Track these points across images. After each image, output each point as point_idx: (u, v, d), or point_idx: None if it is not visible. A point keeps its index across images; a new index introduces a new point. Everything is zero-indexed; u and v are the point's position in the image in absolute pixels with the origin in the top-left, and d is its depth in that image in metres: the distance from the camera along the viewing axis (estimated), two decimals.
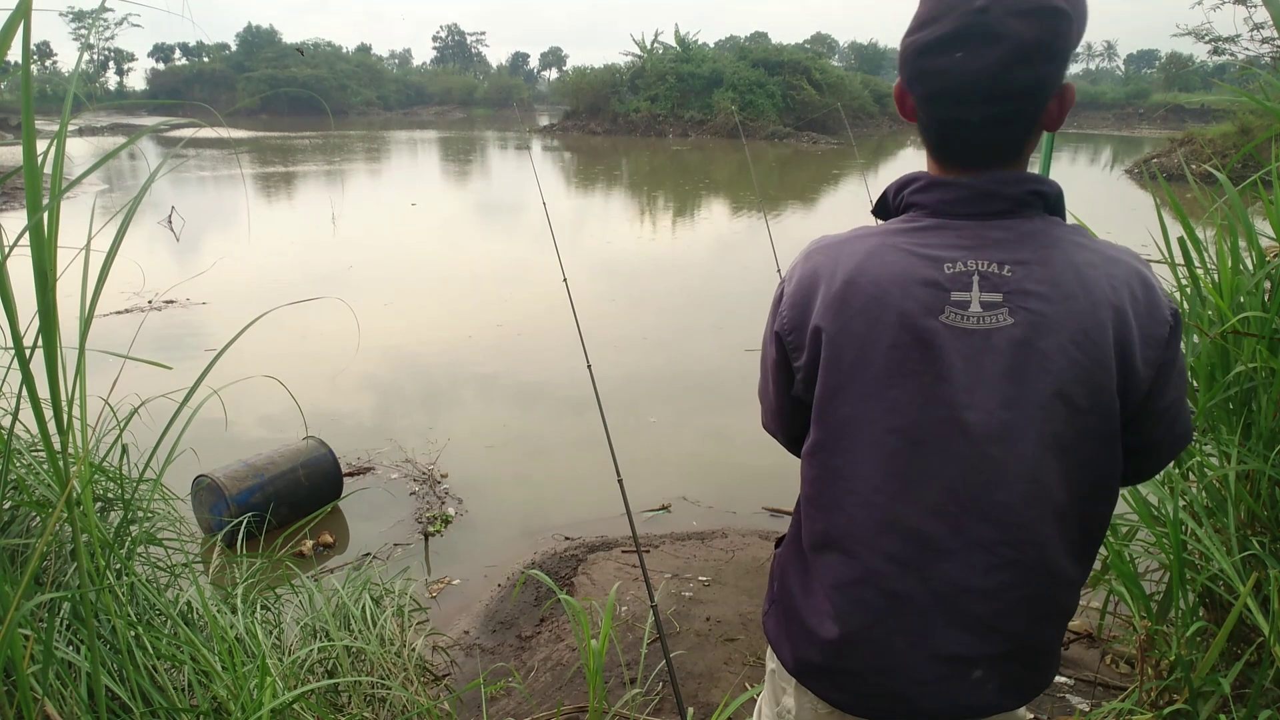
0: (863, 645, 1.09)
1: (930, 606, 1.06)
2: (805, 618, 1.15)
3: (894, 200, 1.12)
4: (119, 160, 4.26)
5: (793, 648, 1.19)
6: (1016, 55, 0.95)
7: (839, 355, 1.06)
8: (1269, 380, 1.99)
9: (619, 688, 2.69)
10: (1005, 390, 1.00)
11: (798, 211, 16.33)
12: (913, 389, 1.02)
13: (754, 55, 41.77)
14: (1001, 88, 0.97)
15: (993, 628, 1.06)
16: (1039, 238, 1.02)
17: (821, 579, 1.13)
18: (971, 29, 0.96)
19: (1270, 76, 2.35)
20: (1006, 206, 1.03)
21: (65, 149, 1.14)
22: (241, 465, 4.26)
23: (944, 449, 1.02)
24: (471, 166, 28.08)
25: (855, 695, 1.13)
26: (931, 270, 1.01)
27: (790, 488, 1.20)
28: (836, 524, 1.10)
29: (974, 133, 1.02)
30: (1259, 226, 2.20)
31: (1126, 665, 2.64)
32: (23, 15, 0.99)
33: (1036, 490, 1.02)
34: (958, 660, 1.06)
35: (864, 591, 1.08)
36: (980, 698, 1.08)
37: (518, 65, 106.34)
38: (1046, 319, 0.99)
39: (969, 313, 1.00)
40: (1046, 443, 1.01)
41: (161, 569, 2.02)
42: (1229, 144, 16.90)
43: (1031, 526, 1.03)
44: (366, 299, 8.74)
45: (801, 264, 1.13)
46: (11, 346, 1.18)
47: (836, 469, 1.10)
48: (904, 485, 1.05)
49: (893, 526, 1.06)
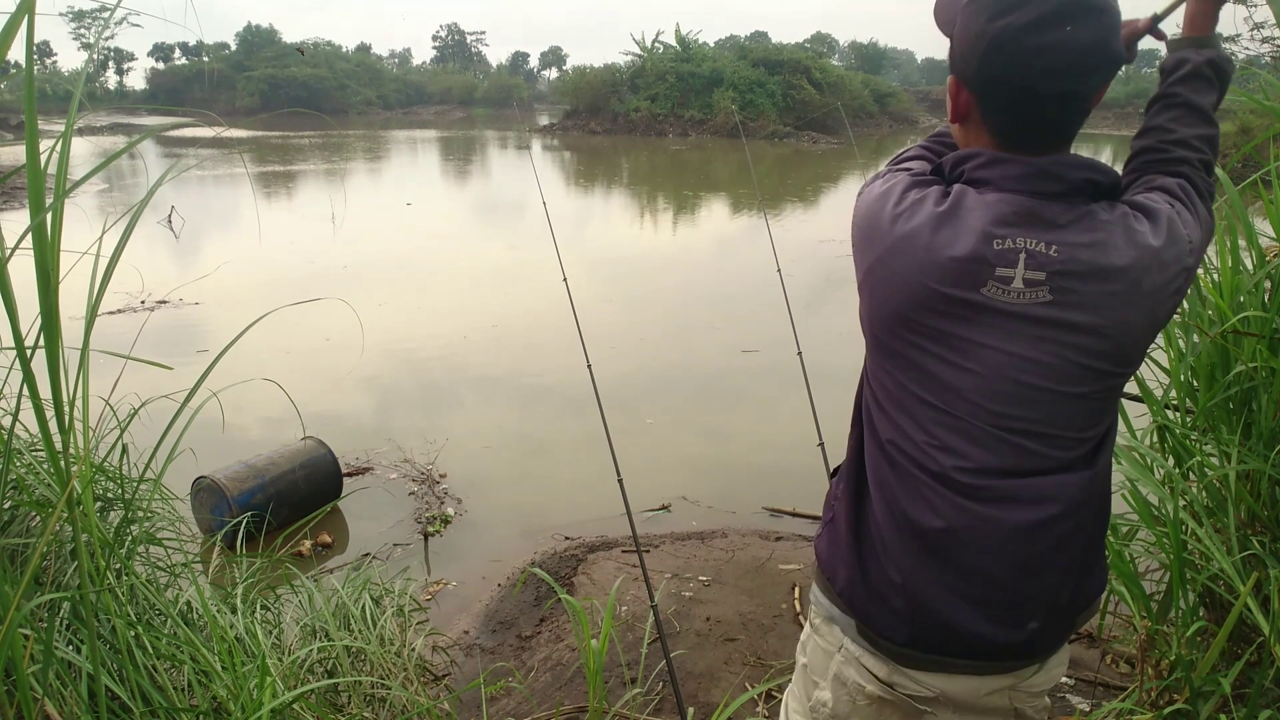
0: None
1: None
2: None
3: (950, 173, 1.15)
4: (118, 160, 4.30)
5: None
6: (1113, 24, 1.03)
7: (882, 301, 1.13)
8: (1269, 380, 1.99)
9: (619, 687, 2.69)
10: (1037, 357, 1.06)
11: (798, 211, 16.34)
12: (942, 354, 1.09)
13: (754, 55, 41.74)
14: (1105, 56, 1.03)
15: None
16: (1087, 221, 1.05)
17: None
18: (1072, 5, 1.00)
19: (1270, 76, 2.35)
20: (1063, 189, 1.06)
21: (69, 149, 1.14)
22: (242, 466, 4.26)
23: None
24: (471, 166, 28.08)
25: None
26: (980, 244, 1.05)
27: (790, 488, 1.21)
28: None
29: (1053, 111, 1.06)
30: (1259, 226, 2.20)
31: (1127, 665, 2.64)
32: (24, 14, 0.99)
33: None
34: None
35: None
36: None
37: (518, 65, 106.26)
38: (1086, 296, 1.04)
39: (1010, 288, 1.05)
40: (1071, 397, 1.08)
41: (161, 569, 2.02)
42: (1229, 144, 16.85)
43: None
44: (365, 299, 8.74)
45: (868, 201, 1.18)
46: (13, 346, 1.18)
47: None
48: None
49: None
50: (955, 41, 1.11)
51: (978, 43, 1.06)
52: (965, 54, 1.09)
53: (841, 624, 1.23)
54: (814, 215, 15.79)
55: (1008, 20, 1.02)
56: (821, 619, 1.28)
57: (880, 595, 1.16)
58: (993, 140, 1.12)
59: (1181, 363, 2.21)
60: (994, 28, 1.03)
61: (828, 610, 1.26)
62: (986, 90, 1.09)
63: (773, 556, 3.82)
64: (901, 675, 1.17)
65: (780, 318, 3.12)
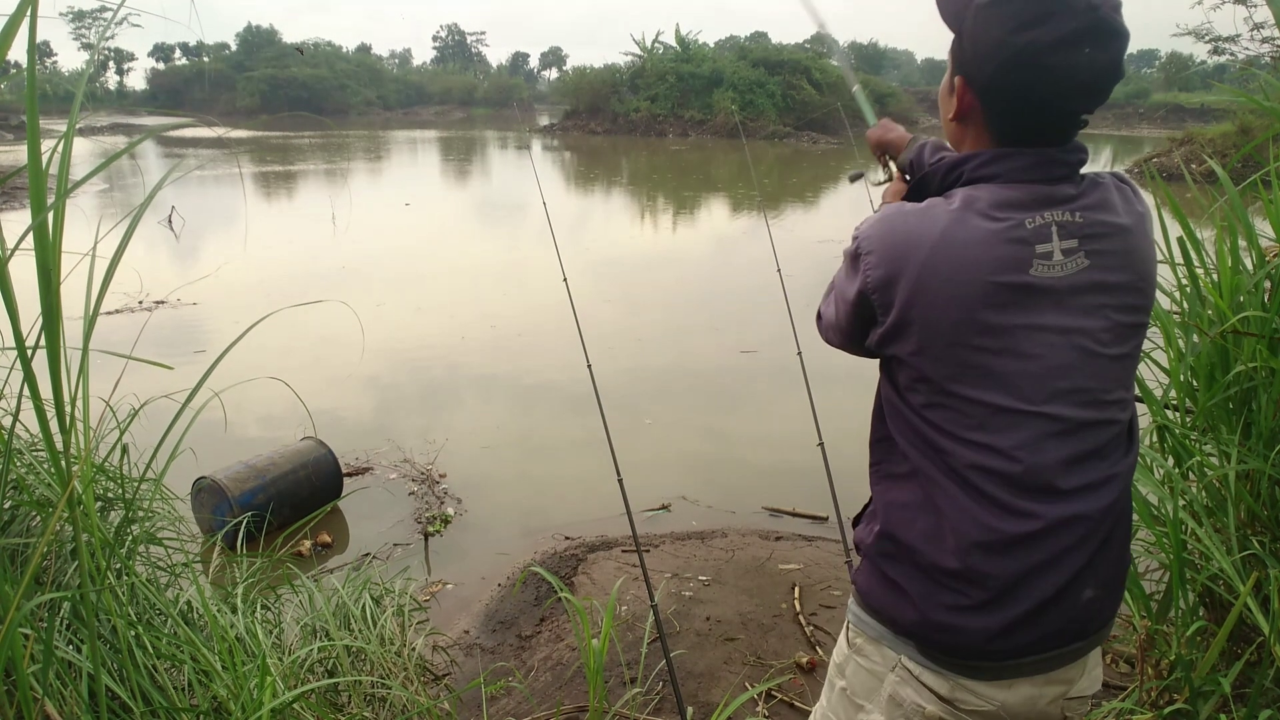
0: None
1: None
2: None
3: (944, 180, 1.16)
4: (119, 160, 4.31)
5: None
6: (1124, 49, 1.07)
7: (935, 320, 1.11)
8: (1269, 380, 1.99)
9: (619, 687, 2.69)
10: (1091, 324, 1.10)
11: (798, 211, 16.33)
12: (1014, 342, 1.10)
13: (754, 55, 41.72)
14: (1116, 79, 1.08)
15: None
16: (1092, 188, 1.13)
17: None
18: (1095, 26, 1.03)
19: (1270, 76, 2.36)
20: (1066, 172, 1.12)
21: (70, 150, 1.15)
22: (243, 467, 4.26)
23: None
24: (471, 166, 28.08)
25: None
26: (1014, 230, 1.08)
27: (789, 488, 1.21)
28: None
29: (1061, 123, 1.11)
30: (1259, 226, 2.20)
31: (1126, 665, 2.64)
32: (24, 14, 0.99)
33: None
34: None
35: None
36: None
37: (518, 65, 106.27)
38: (1114, 255, 1.11)
39: (1053, 262, 1.09)
40: (1121, 359, 1.14)
41: (162, 569, 2.02)
42: (1229, 144, 16.88)
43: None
44: (365, 299, 8.74)
45: (881, 227, 1.15)
46: (14, 346, 1.18)
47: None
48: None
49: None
50: (967, 42, 1.10)
51: (996, 51, 1.07)
52: (979, 59, 1.09)
53: (891, 641, 1.19)
54: (814, 215, 15.79)
55: (1032, 35, 1.03)
56: (865, 639, 1.23)
57: (951, 617, 1.13)
58: (993, 141, 1.14)
59: (1181, 363, 2.21)
60: (1017, 41, 1.04)
61: (876, 630, 1.21)
62: (997, 97, 1.10)
63: (773, 556, 3.82)
64: (964, 691, 1.14)
65: (780, 318, 3.12)
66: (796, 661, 2.90)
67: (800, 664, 2.88)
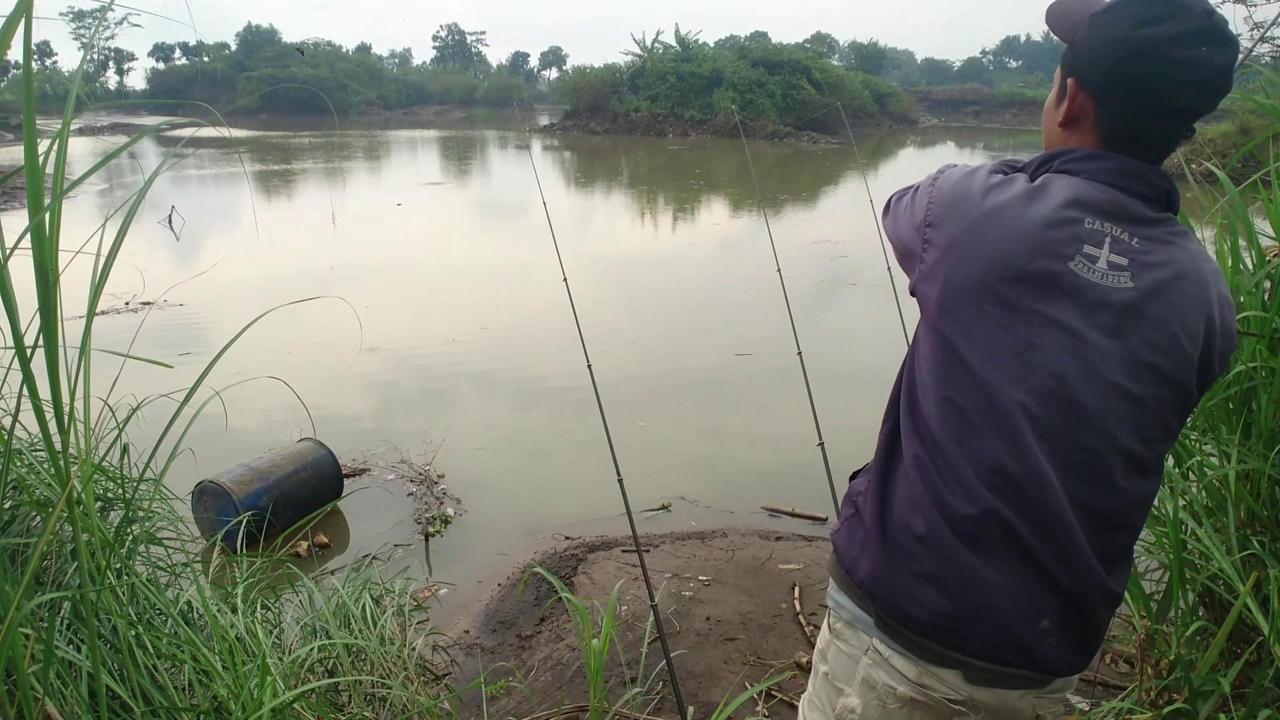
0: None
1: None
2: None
3: (1038, 169, 1.18)
4: (119, 159, 4.30)
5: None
6: (1236, 56, 1.08)
7: (960, 276, 1.13)
8: (1269, 380, 1.99)
9: (619, 687, 2.69)
10: (1106, 344, 1.09)
11: (798, 211, 16.33)
12: (1021, 324, 1.10)
13: (754, 55, 41.73)
14: (1228, 82, 1.09)
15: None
16: (1166, 225, 1.13)
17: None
18: (1212, 29, 1.06)
19: (1270, 76, 2.35)
20: (1149, 192, 1.12)
21: (66, 148, 1.14)
22: (245, 469, 4.26)
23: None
24: (471, 166, 28.07)
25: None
26: (1072, 224, 1.10)
27: (789, 488, 1.21)
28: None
29: (1174, 124, 1.11)
30: (1259, 226, 2.20)
31: (1126, 665, 2.64)
32: (22, 14, 0.99)
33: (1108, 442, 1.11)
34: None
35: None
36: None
37: (518, 65, 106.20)
38: (1163, 292, 1.09)
39: (1096, 266, 1.09)
40: (1129, 397, 1.10)
41: (162, 569, 2.02)
42: (1229, 143, 16.87)
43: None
44: (364, 298, 8.74)
45: (961, 182, 1.19)
46: (12, 346, 1.18)
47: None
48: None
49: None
50: (1083, 46, 1.14)
51: (1116, 48, 1.09)
52: (1096, 58, 1.11)
53: (864, 624, 1.22)
54: (813, 216, 15.77)
55: (1154, 30, 1.06)
56: (843, 622, 1.26)
57: (906, 582, 1.16)
58: (1098, 145, 1.15)
59: None
60: (1139, 34, 1.07)
61: (850, 612, 1.25)
62: (1114, 94, 1.12)
63: (772, 556, 3.82)
64: (931, 676, 1.16)
65: (780, 318, 3.12)
66: (796, 661, 2.91)
67: (800, 664, 2.88)
